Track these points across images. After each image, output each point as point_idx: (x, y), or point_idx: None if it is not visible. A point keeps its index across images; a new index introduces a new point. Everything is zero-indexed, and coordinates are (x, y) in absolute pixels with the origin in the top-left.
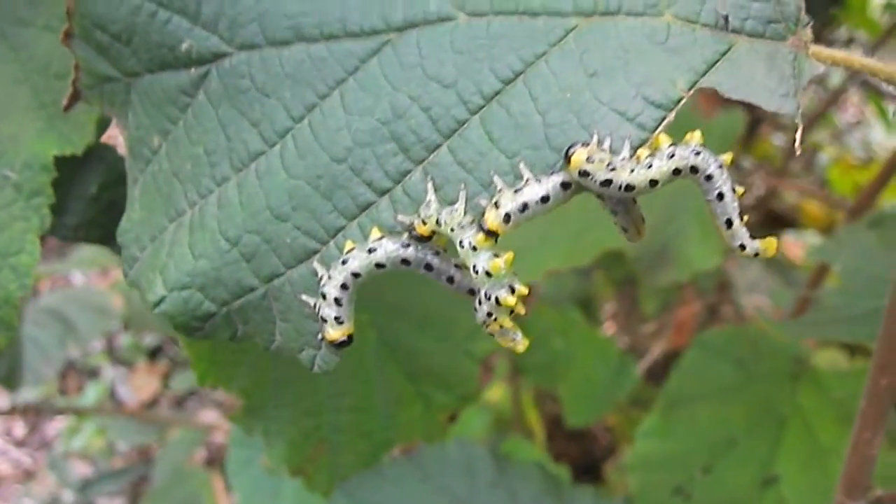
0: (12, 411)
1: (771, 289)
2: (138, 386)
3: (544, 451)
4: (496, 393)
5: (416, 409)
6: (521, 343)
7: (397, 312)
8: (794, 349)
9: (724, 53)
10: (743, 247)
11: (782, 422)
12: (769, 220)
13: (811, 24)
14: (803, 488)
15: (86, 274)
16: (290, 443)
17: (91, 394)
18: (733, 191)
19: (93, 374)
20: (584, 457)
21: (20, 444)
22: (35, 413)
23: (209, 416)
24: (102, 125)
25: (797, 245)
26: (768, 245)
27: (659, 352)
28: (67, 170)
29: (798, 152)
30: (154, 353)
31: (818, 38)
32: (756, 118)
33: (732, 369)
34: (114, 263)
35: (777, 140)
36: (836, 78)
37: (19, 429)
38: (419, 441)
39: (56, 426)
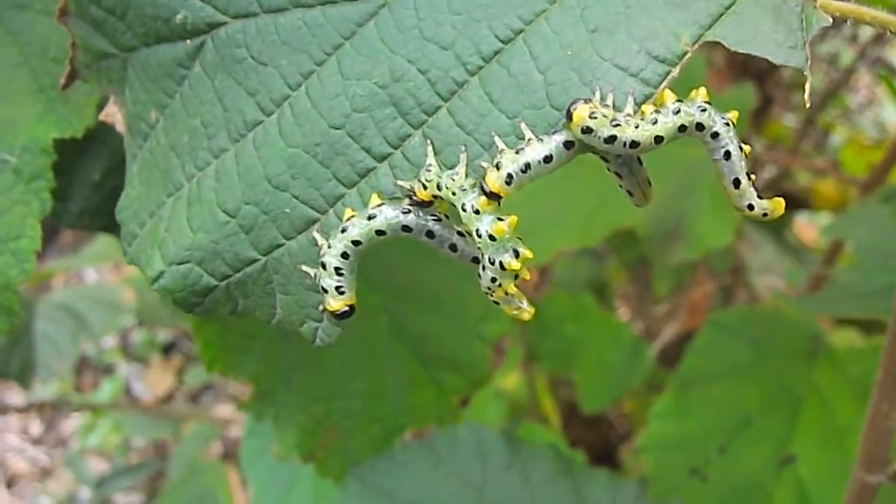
0: (28, 409)
1: (784, 269)
2: (153, 381)
3: (560, 437)
4: (511, 380)
5: (427, 392)
6: (526, 310)
7: (408, 295)
8: (809, 327)
9: (729, 6)
10: (751, 206)
11: (798, 401)
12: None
13: None
14: (821, 467)
15: (98, 269)
16: (301, 429)
17: (106, 390)
18: (740, 149)
19: (108, 370)
20: (601, 443)
21: (37, 441)
22: (51, 410)
23: (224, 410)
24: (102, 107)
25: (810, 227)
26: (776, 205)
27: (672, 333)
28: (70, 156)
29: (808, 104)
30: (168, 349)
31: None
32: (767, 98)
33: (747, 348)
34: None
35: (788, 121)
36: (846, 58)
37: (36, 426)
38: (431, 425)
39: (72, 423)
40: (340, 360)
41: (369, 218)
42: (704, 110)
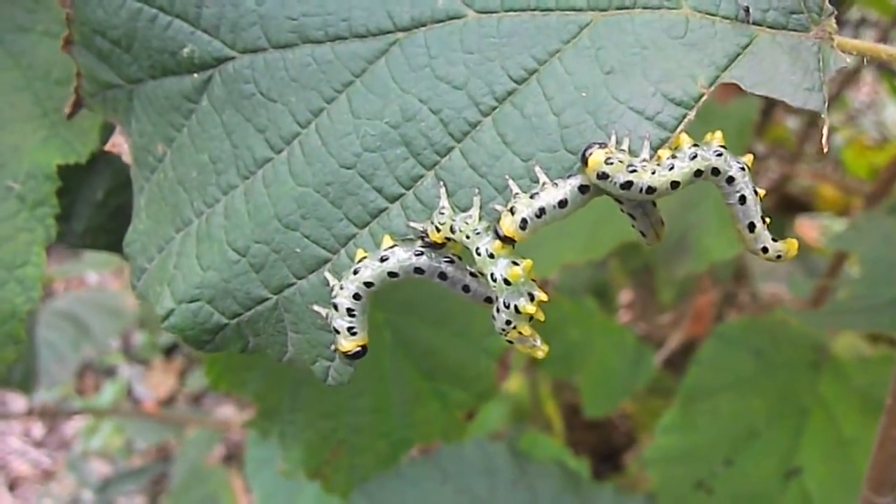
0: (30, 414)
1: (788, 274)
2: (155, 383)
3: (563, 441)
4: (514, 383)
5: (433, 407)
6: (541, 348)
7: (412, 310)
8: (813, 337)
9: (746, 47)
10: (765, 249)
11: (804, 412)
12: (784, 204)
13: (835, 13)
14: (827, 479)
15: (100, 274)
16: (307, 446)
17: (108, 392)
18: (755, 193)
19: (109, 372)
20: (604, 445)
21: (39, 444)
22: (52, 415)
23: (227, 411)
24: (107, 131)
25: (812, 227)
26: (790, 246)
27: (676, 342)
28: (73, 175)
29: (826, 150)
30: (170, 351)
31: None
32: (770, 101)
33: (752, 360)
34: (128, 264)
35: (791, 123)
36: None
37: (38, 429)
38: (438, 440)
39: (74, 426)
40: None
41: (382, 260)
42: (720, 155)
